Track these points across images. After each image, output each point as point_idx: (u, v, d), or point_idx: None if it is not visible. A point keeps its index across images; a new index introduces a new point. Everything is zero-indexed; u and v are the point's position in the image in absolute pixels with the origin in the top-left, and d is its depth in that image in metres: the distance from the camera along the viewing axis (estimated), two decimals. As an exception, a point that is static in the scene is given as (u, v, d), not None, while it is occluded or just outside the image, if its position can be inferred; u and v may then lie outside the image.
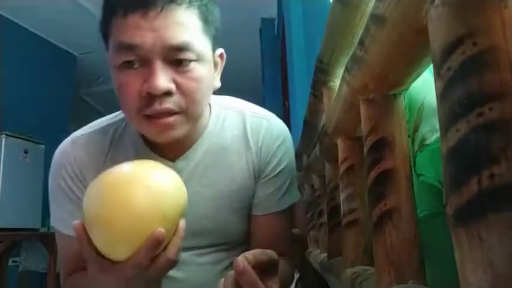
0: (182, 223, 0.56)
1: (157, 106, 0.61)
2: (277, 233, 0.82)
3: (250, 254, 0.56)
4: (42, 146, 3.84)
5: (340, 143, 0.67)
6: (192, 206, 0.61)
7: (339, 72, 0.77)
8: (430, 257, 0.45)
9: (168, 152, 0.74)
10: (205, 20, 0.65)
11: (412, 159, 0.55)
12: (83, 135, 0.78)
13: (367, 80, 0.46)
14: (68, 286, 0.77)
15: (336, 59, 0.78)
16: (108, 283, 0.54)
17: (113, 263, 0.52)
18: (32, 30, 4.28)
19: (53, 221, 0.78)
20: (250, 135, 0.78)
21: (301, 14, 2.46)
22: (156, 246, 0.50)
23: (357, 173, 0.62)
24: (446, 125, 0.26)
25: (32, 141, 3.73)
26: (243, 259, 0.53)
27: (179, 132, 0.65)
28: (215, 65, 0.72)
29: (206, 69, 0.66)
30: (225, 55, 0.76)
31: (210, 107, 0.79)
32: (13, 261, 3.86)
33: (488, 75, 0.23)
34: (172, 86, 0.61)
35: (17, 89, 3.96)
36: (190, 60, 0.62)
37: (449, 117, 0.25)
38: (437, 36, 0.27)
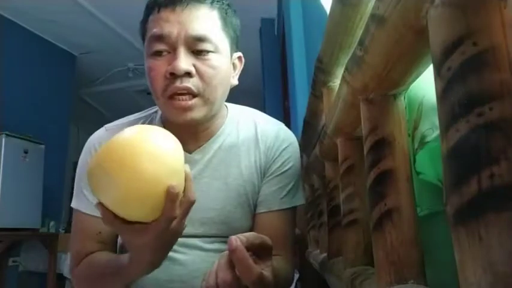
0: (187, 168, 0.58)
1: (178, 84, 0.71)
2: (278, 232, 0.83)
3: (244, 235, 0.57)
4: (42, 146, 3.85)
5: (340, 143, 0.67)
6: (202, 197, 0.63)
7: (339, 72, 0.77)
8: (430, 257, 0.45)
9: (187, 144, 0.79)
10: (224, 20, 0.77)
11: (412, 157, 0.55)
12: (115, 124, 0.86)
13: (367, 80, 0.46)
14: (84, 266, 0.78)
15: (336, 59, 0.78)
16: (145, 244, 0.57)
17: (144, 224, 0.55)
18: (32, 30, 4.28)
19: (74, 202, 0.82)
20: (260, 137, 0.85)
21: (301, 14, 2.46)
22: (175, 197, 0.52)
23: (357, 173, 0.62)
24: (446, 125, 0.26)
25: (32, 141, 3.73)
26: (236, 238, 0.55)
27: (197, 114, 0.74)
28: (234, 66, 0.83)
29: (223, 61, 0.76)
30: (243, 59, 0.87)
31: (228, 110, 0.88)
32: (13, 261, 3.86)
33: (488, 75, 0.23)
34: (192, 69, 0.72)
35: (17, 89, 3.96)
36: (209, 51, 0.73)
37: (449, 117, 0.25)
38: (437, 36, 0.27)
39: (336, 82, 0.83)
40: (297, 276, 1.55)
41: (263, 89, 4.22)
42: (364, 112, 0.48)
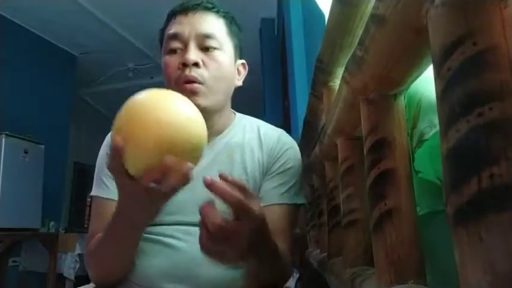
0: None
1: (188, 72, 0.83)
2: (278, 226, 0.85)
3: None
4: (42, 146, 3.84)
5: (340, 143, 0.67)
6: (204, 188, 0.64)
7: (339, 72, 0.77)
8: (430, 256, 0.45)
9: None
10: (229, 27, 0.90)
11: (410, 156, 0.55)
12: None
13: (367, 80, 0.46)
14: (92, 244, 0.83)
15: (336, 59, 0.78)
16: (131, 197, 0.62)
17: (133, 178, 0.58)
18: (32, 30, 4.28)
19: (94, 190, 0.90)
20: (263, 139, 0.93)
21: (301, 14, 2.46)
22: (166, 169, 0.55)
23: (357, 173, 0.62)
24: (447, 125, 0.26)
25: (32, 141, 3.73)
26: (209, 177, 0.58)
27: (202, 100, 0.83)
28: (238, 71, 0.94)
29: (226, 59, 0.88)
30: (247, 66, 0.97)
31: (235, 115, 0.98)
32: (13, 261, 3.86)
33: (488, 75, 0.23)
34: (200, 60, 0.83)
35: (17, 89, 3.96)
36: (215, 48, 0.86)
37: (449, 117, 0.25)
38: (437, 36, 0.27)
39: (336, 82, 0.83)
40: (297, 276, 1.55)
41: (263, 89, 4.22)
42: (364, 112, 0.48)
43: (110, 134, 0.91)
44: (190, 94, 0.82)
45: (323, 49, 0.81)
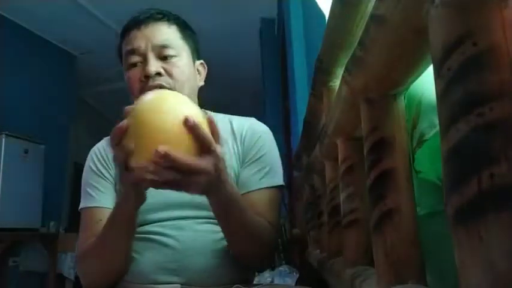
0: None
1: (151, 83, 0.85)
2: (260, 208, 0.88)
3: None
4: (42, 146, 3.84)
5: (340, 143, 0.67)
6: None
7: (339, 72, 0.77)
8: (429, 256, 0.45)
9: None
10: (183, 32, 0.93)
11: (411, 156, 0.55)
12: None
13: (367, 80, 0.46)
14: (82, 249, 0.86)
15: (336, 59, 0.78)
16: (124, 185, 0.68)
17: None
18: (32, 30, 4.27)
19: (81, 204, 0.92)
20: (236, 130, 0.96)
21: (301, 14, 2.46)
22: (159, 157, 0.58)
23: (356, 173, 0.62)
24: (447, 125, 0.26)
25: (32, 141, 3.73)
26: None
27: None
28: (198, 71, 0.98)
29: (185, 63, 0.91)
30: (205, 65, 1.01)
31: (206, 112, 0.98)
32: (13, 261, 3.86)
33: (488, 75, 0.23)
34: (161, 69, 0.87)
35: (17, 89, 3.96)
36: (172, 56, 0.89)
37: (450, 117, 0.25)
38: (437, 36, 0.27)
39: (336, 82, 0.83)
40: (296, 276, 1.55)
41: (263, 89, 4.22)
42: (364, 112, 0.48)
43: (91, 150, 1.00)
44: None
45: (323, 49, 0.81)
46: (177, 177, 0.59)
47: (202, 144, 0.61)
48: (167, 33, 0.90)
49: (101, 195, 0.89)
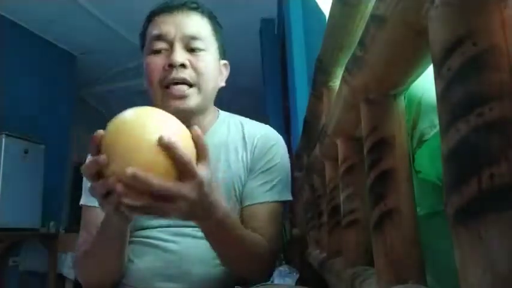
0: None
1: (175, 74, 0.80)
2: (262, 223, 0.85)
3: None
4: (42, 146, 3.84)
5: (340, 143, 0.67)
6: None
7: (339, 72, 0.77)
8: (430, 256, 0.45)
9: None
10: (214, 27, 0.88)
11: (411, 156, 0.55)
12: None
13: (367, 80, 0.46)
14: (80, 253, 0.83)
15: (336, 59, 0.78)
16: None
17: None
18: (32, 30, 4.27)
19: (82, 199, 0.90)
20: (247, 137, 0.91)
21: (301, 14, 2.45)
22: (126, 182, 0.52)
23: (357, 173, 0.62)
24: (447, 125, 0.26)
25: (32, 141, 3.73)
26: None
27: (191, 102, 0.83)
28: (220, 71, 0.92)
29: (212, 59, 0.86)
30: (229, 66, 0.96)
31: (219, 112, 0.97)
32: (13, 261, 3.86)
33: (488, 76, 0.23)
34: (187, 61, 0.82)
35: (17, 89, 3.96)
36: (201, 49, 0.84)
37: (450, 117, 0.25)
38: (437, 36, 0.27)
39: (336, 82, 0.83)
40: (296, 276, 1.55)
41: (263, 89, 4.22)
42: (364, 112, 0.48)
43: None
44: (178, 98, 0.81)
45: (323, 49, 0.81)
46: (152, 203, 0.53)
47: (181, 166, 0.54)
48: (199, 25, 0.85)
49: None
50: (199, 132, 0.58)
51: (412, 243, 0.41)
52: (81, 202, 0.90)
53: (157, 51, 0.83)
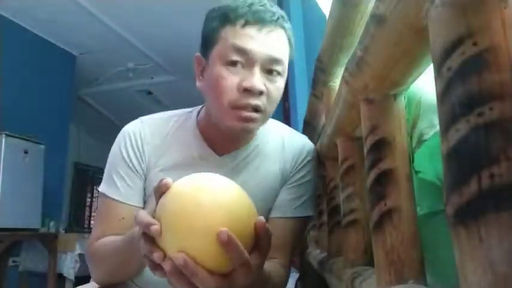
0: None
1: (251, 101, 0.75)
2: (283, 238, 0.84)
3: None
4: (42, 146, 3.84)
5: (340, 143, 0.67)
6: None
7: (339, 72, 0.77)
8: (430, 256, 0.45)
9: (218, 147, 0.86)
10: (291, 47, 0.82)
11: (410, 156, 0.55)
12: (150, 118, 0.91)
13: (367, 80, 0.46)
14: (98, 247, 0.81)
15: (336, 59, 0.78)
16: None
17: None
18: (32, 30, 4.27)
19: (103, 186, 0.86)
20: (286, 147, 0.90)
21: (301, 14, 2.46)
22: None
23: (357, 173, 0.62)
24: (447, 125, 0.26)
25: (32, 141, 3.73)
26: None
27: (255, 126, 0.79)
28: None
29: (283, 83, 0.81)
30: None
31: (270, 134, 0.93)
32: (13, 261, 3.86)
33: (488, 75, 0.23)
34: (265, 89, 0.76)
35: (17, 89, 3.96)
36: (278, 73, 0.77)
37: (450, 117, 0.25)
38: (437, 36, 0.27)
39: (336, 82, 0.83)
40: (297, 276, 1.55)
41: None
42: (364, 112, 0.48)
43: (125, 129, 0.88)
44: (245, 121, 0.77)
45: (323, 49, 0.81)
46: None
47: (235, 259, 0.51)
48: (284, 47, 0.78)
49: (127, 190, 0.83)
50: (263, 221, 0.54)
51: (412, 243, 0.41)
52: (101, 189, 0.86)
53: (234, 63, 0.76)
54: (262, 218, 0.54)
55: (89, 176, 6.45)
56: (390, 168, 0.43)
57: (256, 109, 0.76)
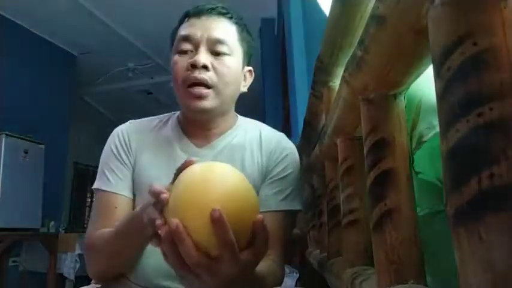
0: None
1: (197, 74, 0.83)
2: (272, 233, 0.82)
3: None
4: (42, 146, 3.84)
5: (340, 143, 0.67)
6: None
7: (339, 72, 0.77)
8: (429, 256, 0.45)
9: (198, 140, 0.92)
10: (240, 34, 0.91)
11: (410, 157, 0.55)
12: (138, 120, 1.00)
13: (367, 80, 0.46)
14: (95, 238, 0.83)
15: (336, 59, 0.78)
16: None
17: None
18: (32, 30, 4.28)
19: (96, 183, 0.91)
20: (263, 141, 0.93)
21: (301, 14, 2.46)
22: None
23: (357, 173, 0.62)
24: (446, 125, 0.26)
25: (32, 141, 3.73)
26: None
27: (209, 103, 0.85)
28: (244, 77, 0.96)
29: (235, 65, 0.88)
30: (253, 73, 0.99)
31: (238, 117, 0.99)
32: (13, 261, 3.86)
33: (488, 75, 0.23)
34: (209, 64, 0.84)
35: (17, 89, 3.96)
36: (225, 54, 0.86)
37: (449, 117, 0.25)
38: (437, 36, 0.27)
39: (336, 82, 0.83)
40: (296, 276, 1.55)
41: (263, 89, 4.22)
42: (364, 112, 0.48)
43: (115, 130, 0.96)
44: (197, 98, 0.84)
45: (323, 49, 0.81)
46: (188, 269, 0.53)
47: (219, 240, 0.51)
48: (226, 30, 0.88)
49: (118, 181, 0.88)
50: (262, 218, 0.55)
51: (412, 243, 0.41)
52: (95, 186, 0.90)
53: (183, 52, 0.86)
54: (261, 216, 0.55)
55: (89, 176, 6.46)
56: (390, 168, 0.43)
57: (205, 84, 0.84)
